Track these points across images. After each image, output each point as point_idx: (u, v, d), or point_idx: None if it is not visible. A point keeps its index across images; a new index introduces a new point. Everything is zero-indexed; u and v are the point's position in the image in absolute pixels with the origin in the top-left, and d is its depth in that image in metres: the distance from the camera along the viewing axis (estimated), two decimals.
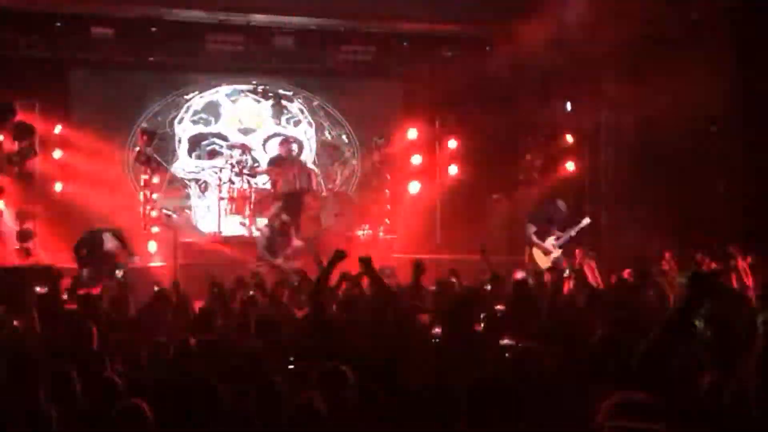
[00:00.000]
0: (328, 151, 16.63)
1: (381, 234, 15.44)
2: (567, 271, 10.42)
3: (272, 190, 15.10)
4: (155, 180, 14.82)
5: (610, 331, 4.99)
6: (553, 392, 4.28)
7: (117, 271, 11.32)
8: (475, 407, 3.68)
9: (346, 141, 16.77)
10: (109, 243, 12.71)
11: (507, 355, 4.73)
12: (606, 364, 4.33)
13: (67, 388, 4.78)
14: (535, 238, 13.61)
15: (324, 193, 15.50)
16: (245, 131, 16.34)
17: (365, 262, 6.70)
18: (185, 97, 15.99)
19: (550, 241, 13.52)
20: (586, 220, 13.86)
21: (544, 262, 13.39)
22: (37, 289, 8.91)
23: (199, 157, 15.99)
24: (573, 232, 13.76)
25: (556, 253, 13.46)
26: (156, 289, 8.88)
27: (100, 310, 7.63)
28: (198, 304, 8.54)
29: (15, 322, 7.18)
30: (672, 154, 13.74)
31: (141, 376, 5.40)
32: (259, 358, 5.37)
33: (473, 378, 3.89)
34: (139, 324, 7.38)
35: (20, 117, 14.23)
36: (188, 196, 15.83)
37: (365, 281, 8.32)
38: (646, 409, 3.10)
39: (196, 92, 16.08)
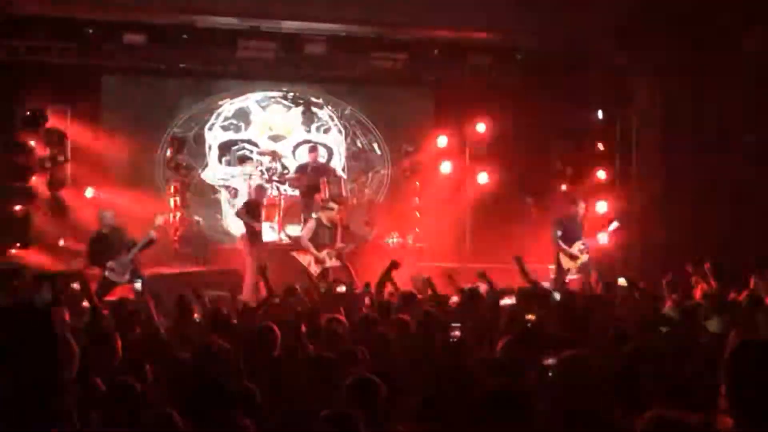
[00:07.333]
0: (357, 158, 16.60)
1: (410, 242, 15.37)
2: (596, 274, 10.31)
3: (300, 197, 15.03)
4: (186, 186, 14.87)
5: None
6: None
7: (136, 282, 11.14)
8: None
9: (376, 148, 16.73)
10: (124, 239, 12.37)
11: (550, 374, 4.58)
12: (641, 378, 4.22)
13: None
14: (561, 243, 13.30)
15: (353, 201, 15.43)
16: (275, 138, 16.34)
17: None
18: (217, 103, 16.04)
19: (578, 246, 13.23)
20: (614, 224, 13.69)
21: (571, 267, 13.18)
22: (74, 285, 8.92)
23: (229, 163, 16.01)
24: (600, 237, 13.59)
25: (584, 257, 13.19)
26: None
27: (127, 316, 7.59)
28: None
29: None
30: (704, 163, 13.58)
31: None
32: None
33: None
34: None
35: (52, 123, 14.35)
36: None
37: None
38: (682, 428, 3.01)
39: (227, 99, 16.12)
